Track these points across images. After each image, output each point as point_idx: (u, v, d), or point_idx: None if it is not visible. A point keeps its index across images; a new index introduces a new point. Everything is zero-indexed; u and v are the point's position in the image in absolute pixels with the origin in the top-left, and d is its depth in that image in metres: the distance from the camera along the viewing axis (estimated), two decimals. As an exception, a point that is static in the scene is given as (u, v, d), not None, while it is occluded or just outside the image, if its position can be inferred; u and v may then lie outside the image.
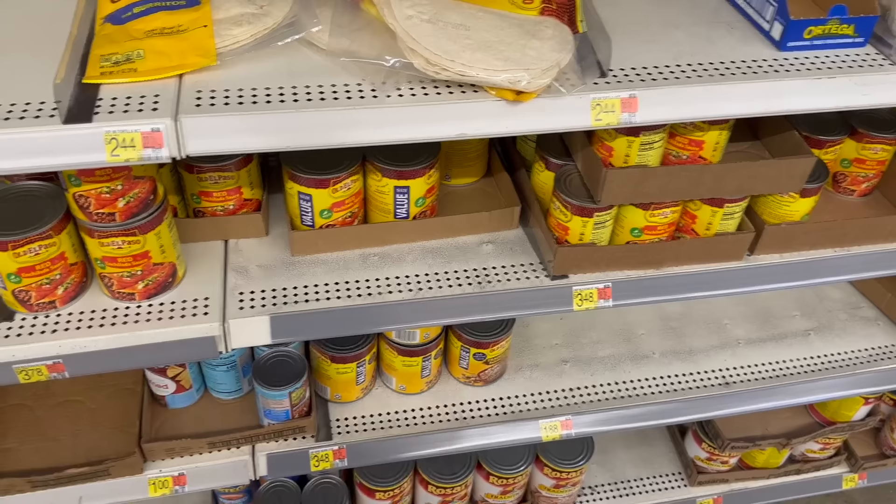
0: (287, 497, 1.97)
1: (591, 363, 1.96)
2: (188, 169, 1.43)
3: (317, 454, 1.71)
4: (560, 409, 1.84)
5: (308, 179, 1.40)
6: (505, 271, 1.52)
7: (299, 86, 1.15)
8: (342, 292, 1.44)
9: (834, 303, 2.19)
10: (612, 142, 1.37)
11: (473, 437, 1.79)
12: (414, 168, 1.44)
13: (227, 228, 1.51)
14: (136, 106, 1.08)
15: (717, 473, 2.30)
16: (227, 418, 1.74)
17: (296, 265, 1.49)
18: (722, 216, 1.49)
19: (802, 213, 1.58)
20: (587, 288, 1.50)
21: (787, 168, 1.44)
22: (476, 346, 1.76)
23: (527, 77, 1.12)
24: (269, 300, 1.41)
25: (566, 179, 1.48)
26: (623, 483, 2.34)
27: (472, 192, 1.70)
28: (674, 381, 1.94)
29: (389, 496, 1.98)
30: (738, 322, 2.12)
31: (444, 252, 1.56)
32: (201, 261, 1.47)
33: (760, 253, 1.59)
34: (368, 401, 1.83)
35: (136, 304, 1.38)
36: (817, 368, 1.99)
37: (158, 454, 1.65)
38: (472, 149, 1.66)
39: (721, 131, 1.39)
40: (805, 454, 2.34)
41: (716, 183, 1.41)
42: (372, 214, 1.54)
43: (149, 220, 1.29)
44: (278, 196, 1.62)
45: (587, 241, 1.47)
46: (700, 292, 1.58)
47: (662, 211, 1.46)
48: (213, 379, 1.72)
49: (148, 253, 1.32)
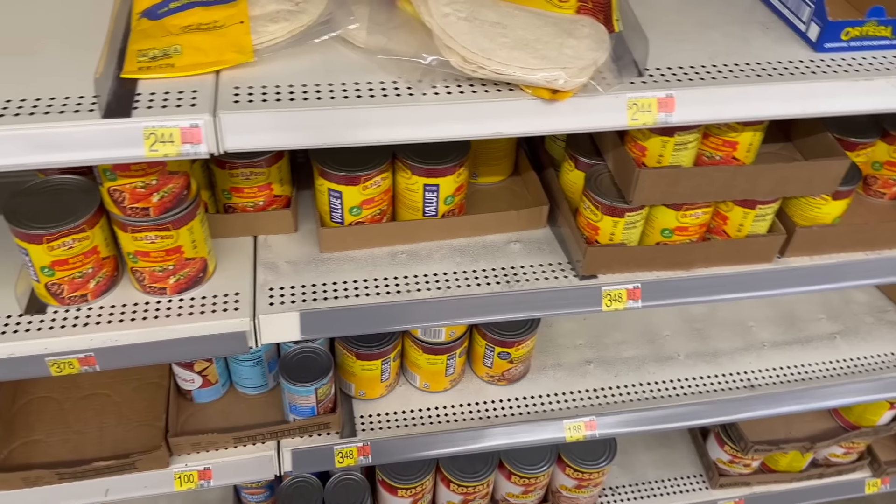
0: (309, 493, 1.97)
1: (615, 364, 1.96)
2: (220, 164, 1.43)
3: (341, 450, 1.72)
4: (584, 410, 1.83)
5: (339, 176, 1.40)
6: (533, 270, 1.52)
7: (335, 83, 1.15)
8: (371, 289, 1.44)
9: (860, 306, 2.17)
10: (646, 141, 1.36)
11: (497, 436, 1.79)
12: (444, 166, 1.44)
13: (257, 224, 1.51)
14: (175, 101, 1.08)
15: (738, 476, 2.29)
16: (251, 413, 1.74)
17: (325, 262, 1.49)
18: (754, 218, 1.48)
19: (834, 216, 1.57)
20: (616, 288, 1.49)
21: (821, 170, 1.42)
22: (501, 345, 1.76)
23: (564, 76, 1.12)
24: (299, 296, 1.42)
25: (596, 179, 1.47)
26: (644, 484, 2.33)
27: (498, 191, 1.69)
28: (699, 383, 1.93)
29: (411, 494, 1.98)
30: (763, 324, 2.10)
31: (472, 251, 1.55)
32: (231, 256, 1.48)
33: (790, 255, 1.58)
34: (392, 398, 1.83)
35: (167, 299, 1.39)
36: (843, 372, 1.97)
37: (184, 448, 1.65)
38: (500, 147, 1.66)
39: (755, 132, 1.38)
40: (828, 458, 2.32)
41: (749, 184, 1.40)
42: (400, 212, 1.54)
43: (182, 216, 1.30)
44: (305, 193, 1.62)
45: (617, 241, 1.47)
46: (729, 294, 1.57)
47: (694, 212, 1.45)
48: (239, 374, 1.73)
49: (180, 248, 1.33)
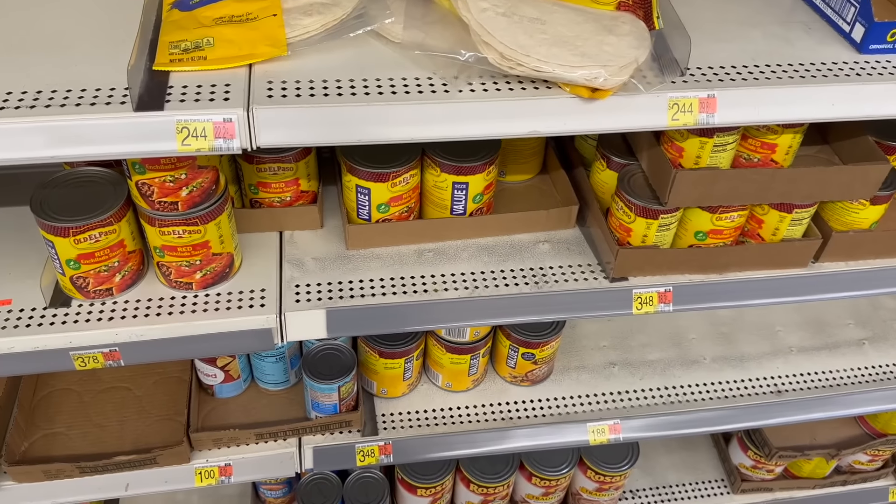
0: (328, 490, 1.96)
1: (640, 367, 1.93)
2: (247, 159, 1.41)
3: (363, 449, 1.70)
4: (608, 413, 1.81)
5: (368, 173, 1.38)
6: (562, 271, 1.49)
7: (370, 79, 1.12)
8: (398, 288, 1.42)
9: (889, 312, 2.13)
10: (684, 142, 1.33)
11: (520, 437, 1.77)
12: (474, 164, 1.41)
13: (284, 220, 1.50)
14: (207, 95, 1.07)
15: (761, 482, 2.26)
16: (273, 409, 1.73)
17: (351, 259, 1.47)
18: (790, 222, 1.45)
19: (871, 221, 1.53)
20: (647, 291, 1.47)
21: (861, 174, 1.39)
22: (525, 346, 1.73)
23: (604, 74, 1.09)
24: (325, 294, 1.40)
25: (630, 179, 1.44)
26: (664, 488, 2.31)
27: (527, 190, 1.67)
28: (724, 387, 1.90)
29: (431, 493, 1.96)
30: (790, 329, 2.07)
31: (500, 250, 1.53)
32: (257, 252, 1.46)
33: (825, 260, 1.55)
34: (414, 397, 1.81)
35: (192, 294, 1.37)
36: (871, 379, 1.94)
37: (206, 444, 1.64)
38: (529, 145, 1.63)
39: (795, 135, 1.35)
40: (852, 465, 2.29)
41: (787, 188, 1.37)
42: (428, 210, 1.51)
43: (210, 210, 1.28)
44: (331, 188, 1.60)
45: (650, 243, 1.44)
46: (762, 299, 1.54)
47: (730, 214, 1.42)
48: (262, 370, 1.72)
49: (207, 243, 1.31)
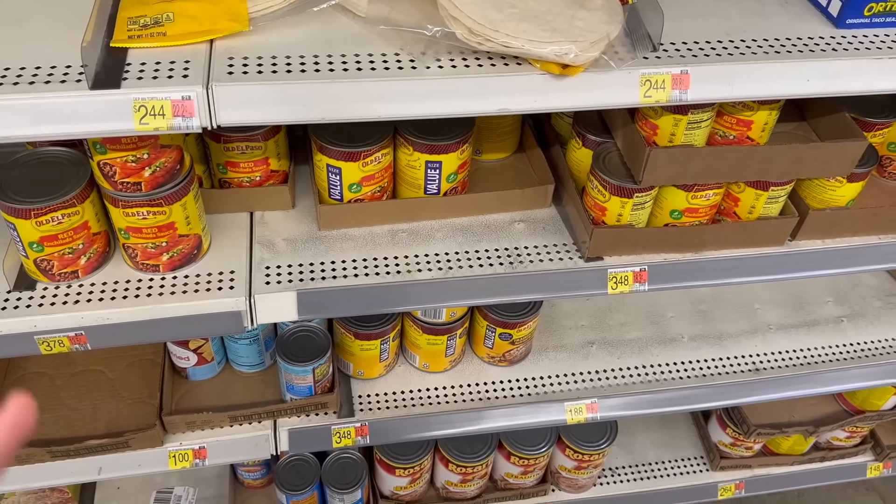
0: (306, 471, 1.95)
1: (618, 346, 1.92)
2: (214, 138, 1.38)
3: (339, 430, 1.69)
4: (586, 392, 1.80)
5: (338, 152, 1.35)
6: (537, 251, 1.47)
7: (335, 55, 1.09)
8: (370, 269, 1.40)
9: (868, 289, 2.13)
10: (658, 119, 1.31)
11: (497, 417, 1.76)
12: (447, 142, 1.39)
13: (254, 200, 1.47)
14: (166, 72, 1.04)
15: (740, 459, 2.27)
16: (248, 392, 1.71)
17: (323, 240, 1.45)
18: (766, 200, 1.44)
19: (848, 199, 1.52)
20: (622, 271, 1.45)
21: (839, 151, 1.37)
22: (502, 326, 1.72)
23: (575, 49, 1.06)
24: (296, 275, 1.37)
25: (605, 158, 1.42)
26: (644, 465, 2.31)
27: (502, 169, 1.65)
28: (703, 366, 1.90)
29: (409, 473, 1.96)
30: (769, 307, 2.06)
31: (475, 230, 1.51)
32: (226, 233, 1.43)
33: (802, 238, 1.54)
34: (391, 378, 1.80)
35: (160, 276, 1.35)
36: (850, 356, 1.94)
37: (179, 427, 1.62)
38: (505, 123, 1.60)
39: (771, 111, 1.33)
40: (830, 442, 2.30)
41: (763, 165, 1.35)
42: (401, 189, 1.49)
43: (175, 191, 1.25)
44: (304, 168, 1.57)
45: (625, 222, 1.42)
46: (738, 278, 1.53)
47: (705, 193, 1.40)
48: (235, 352, 1.70)
49: (173, 224, 1.29)
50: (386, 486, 2.03)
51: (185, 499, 2.09)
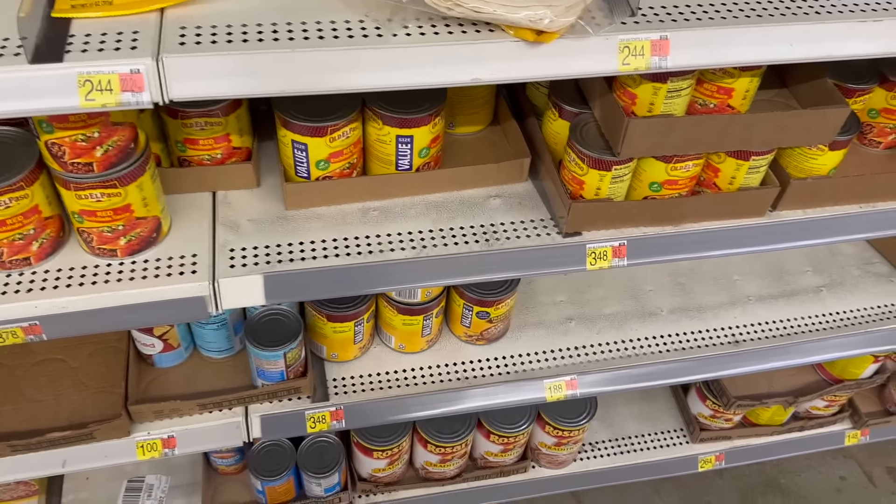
0: (281, 457, 1.90)
1: (597, 321, 1.89)
2: (171, 114, 1.31)
3: (313, 415, 1.64)
4: (565, 369, 1.77)
5: (303, 127, 1.29)
6: (514, 228, 1.42)
7: (295, 23, 1.03)
8: (341, 250, 1.35)
9: (847, 258, 2.12)
10: (637, 88, 1.26)
11: (475, 397, 1.72)
12: (418, 115, 1.33)
13: (215, 179, 1.40)
14: (113, 44, 0.96)
15: (719, 430, 2.26)
16: (218, 378, 1.66)
17: (290, 220, 1.39)
18: (747, 170, 1.40)
19: (830, 167, 1.49)
20: (601, 246, 1.41)
21: (821, 119, 1.34)
22: (479, 305, 1.68)
23: (549, 15, 1.01)
24: (263, 258, 1.31)
25: (582, 129, 1.37)
26: (624, 439, 2.30)
27: (477, 142, 1.59)
28: (682, 339, 1.87)
29: (388, 455, 1.92)
30: (748, 278, 2.04)
31: (449, 206, 1.45)
32: (187, 214, 1.37)
33: (783, 209, 1.51)
34: (366, 360, 1.75)
35: (118, 262, 1.28)
36: (829, 326, 1.93)
37: (146, 416, 1.57)
38: (479, 94, 1.54)
39: (752, 78, 1.28)
40: (809, 411, 2.30)
41: (744, 134, 1.31)
42: (372, 166, 1.43)
43: (130, 171, 1.18)
44: (269, 144, 1.50)
45: (603, 196, 1.37)
46: (719, 250, 1.50)
47: (685, 164, 1.36)
48: (203, 337, 1.64)
49: (129, 206, 1.22)
50: (364, 468, 1.99)
51: (157, 487, 2.04)
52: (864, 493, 2.51)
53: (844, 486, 2.53)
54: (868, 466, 2.59)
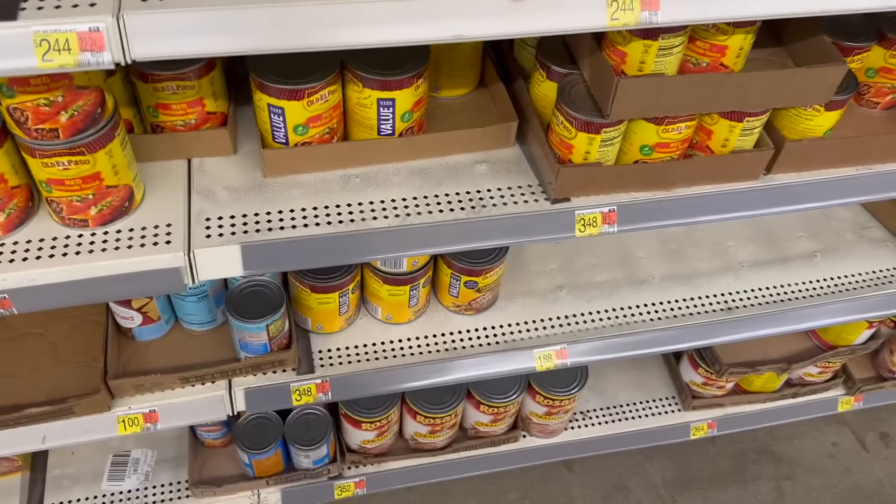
0: (268, 429, 1.88)
1: (588, 289, 1.85)
2: (142, 77, 1.25)
3: (298, 388, 1.61)
4: (555, 338, 1.74)
5: (280, 90, 1.23)
6: (501, 194, 1.38)
7: (265, -24, 0.97)
8: (321, 218, 1.30)
9: (841, 223, 2.08)
10: (626, 46, 1.20)
11: (464, 367, 1.69)
12: (400, 77, 1.27)
13: (190, 145, 1.35)
14: (70, 1, 0.91)
15: (712, 398, 2.24)
16: (200, 351, 1.62)
17: (269, 188, 1.34)
18: (740, 132, 1.35)
19: (825, 129, 1.44)
20: (591, 212, 1.37)
21: (817, 78, 1.29)
22: (467, 274, 1.64)
23: (534, -33, 0.95)
24: (240, 227, 1.27)
25: (571, 91, 1.32)
26: (615, 408, 2.28)
27: (463, 106, 1.54)
28: (674, 306, 1.84)
29: (376, 426, 1.90)
30: (741, 243, 2.01)
31: (434, 173, 1.41)
32: (161, 182, 1.32)
33: (778, 172, 1.47)
34: (353, 331, 1.71)
35: (89, 232, 1.23)
36: (823, 292, 1.90)
37: (127, 390, 1.53)
38: (464, 55, 1.49)
39: (746, 35, 1.23)
40: (802, 378, 2.28)
41: (738, 94, 1.26)
42: (353, 131, 1.38)
43: (97, 137, 1.13)
44: (247, 109, 1.45)
45: (592, 160, 1.33)
46: (711, 216, 1.46)
47: (677, 126, 1.31)
48: (184, 310, 1.60)
49: (99, 174, 1.17)
50: (353, 440, 1.97)
51: (143, 461, 2.01)
52: (857, 458, 2.51)
53: (837, 452, 2.52)
54: (860, 432, 2.58)
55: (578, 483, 2.40)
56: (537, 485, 2.38)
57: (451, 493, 2.34)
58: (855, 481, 2.45)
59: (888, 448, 2.55)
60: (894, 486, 2.45)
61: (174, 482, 2.01)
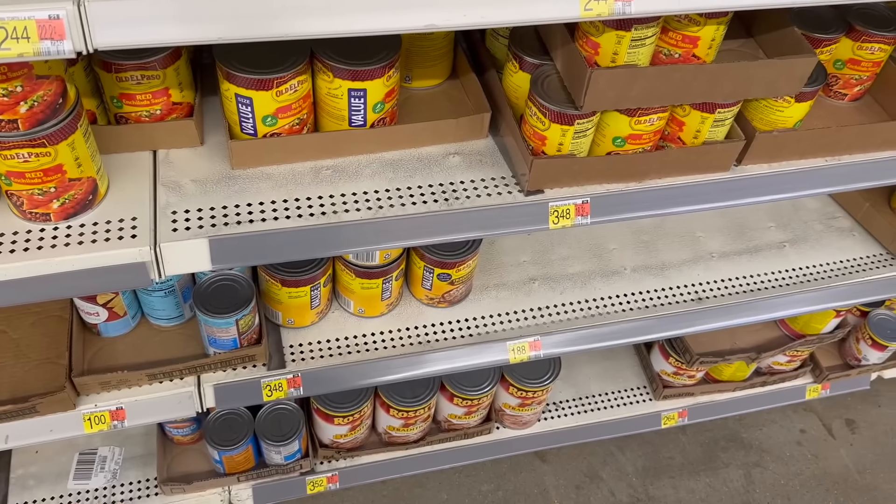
0: (239, 425, 1.85)
1: (561, 281, 1.85)
2: (105, 67, 1.22)
3: (269, 383, 1.59)
4: (528, 330, 1.74)
5: (247, 80, 1.21)
6: (474, 186, 1.37)
7: (232, -37, 0.94)
8: (292, 211, 1.28)
9: (809, 213, 2.11)
10: (600, 37, 1.20)
11: (438, 361, 1.68)
12: (371, 67, 1.25)
13: (155, 137, 1.31)
14: (27, -14, 0.87)
15: (682, 387, 2.26)
16: (168, 347, 1.59)
17: (237, 180, 1.31)
18: (712, 123, 1.36)
19: (796, 120, 1.45)
20: (564, 204, 1.36)
21: (788, 69, 1.29)
22: (440, 267, 1.63)
23: (507, -44, 0.94)
24: (208, 220, 1.24)
25: (544, 82, 1.31)
26: (588, 398, 2.29)
27: (435, 97, 1.52)
28: (645, 297, 1.85)
29: (349, 421, 1.88)
30: (711, 234, 2.02)
31: (406, 165, 1.39)
32: (126, 175, 1.28)
33: (748, 163, 1.47)
34: (324, 325, 1.69)
35: (52, 226, 1.20)
36: (792, 282, 1.92)
37: (92, 388, 1.50)
38: (436, 45, 1.47)
39: (718, 26, 1.23)
40: (771, 366, 2.31)
41: (710, 85, 1.27)
42: (323, 122, 1.36)
43: (59, 129, 1.09)
44: (214, 100, 1.41)
45: (566, 151, 1.32)
46: (683, 207, 1.46)
47: (649, 117, 1.31)
48: (150, 305, 1.56)
49: (61, 167, 1.13)
50: (325, 434, 1.95)
51: (110, 459, 1.97)
52: (824, 444, 2.55)
53: (804, 439, 2.56)
54: (827, 419, 2.62)
55: (551, 473, 2.41)
56: (510, 476, 2.39)
57: (424, 486, 2.33)
58: (822, 467, 2.50)
59: (854, 434, 2.60)
60: (860, 472, 2.50)
61: (143, 480, 1.98)
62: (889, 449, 2.57)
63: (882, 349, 2.26)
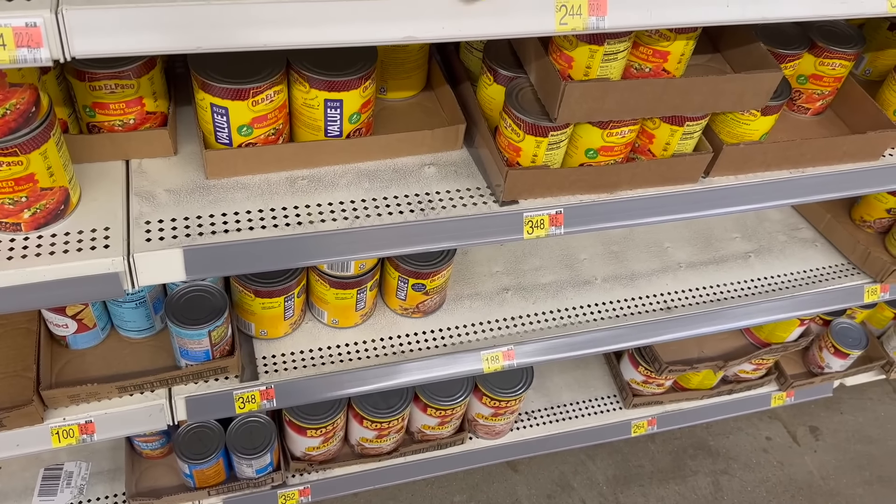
0: (209, 439, 1.83)
1: (533, 291, 1.87)
2: (78, 76, 1.20)
3: (242, 395, 1.57)
4: (502, 339, 1.75)
5: (223, 90, 1.20)
6: (449, 197, 1.38)
7: (211, -27, 0.94)
8: (267, 221, 1.27)
9: (773, 224, 2.16)
10: (573, 51, 1.22)
11: (412, 371, 1.68)
12: (348, 78, 1.26)
13: (128, 146, 1.30)
14: (3, -7, 0.87)
15: (651, 396, 2.29)
16: (138, 359, 1.57)
17: (212, 190, 1.31)
18: (681, 135, 1.39)
19: (762, 133, 1.49)
20: (538, 214, 1.38)
21: (755, 83, 1.33)
22: (415, 277, 1.63)
23: (485, -30, 0.96)
24: (182, 230, 1.23)
25: (518, 94, 1.33)
26: (559, 407, 2.31)
27: (410, 108, 1.53)
28: (616, 307, 1.87)
29: (321, 433, 1.87)
30: (679, 245, 2.06)
31: (382, 175, 1.40)
32: (99, 185, 1.27)
33: (716, 175, 1.51)
34: (298, 336, 1.69)
35: (22, 236, 1.18)
36: (757, 292, 1.96)
37: (61, 401, 1.47)
38: (411, 57, 1.48)
39: (688, 41, 1.27)
40: (738, 374, 2.35)
41: (680, 99, 1.30)
42: (299, 132, 1.36)
43: (32, 138, 1.08)
44: (188, 109, 1.41)
45: (540, 163, 1.34)
46: (653, 217, 1.49)
47: (621, 130, 1.34)
48: (120, 316, 1.54)
49: (33, 176, 1.12)
50: (297, 447, 1.94)
51: (77, 474, 1.93)
52: (789, 451, 2.60)
53: (770, 446, 2.61)
54: (792, 426, 2.68)
55: (523, 483, 2.42)
56: (483, 486, 2.39)
57: (396, 499, 2.32)
58: (787, 474, 2.54)
59: (818, 441, 2.66)
60: (824, 478, 2.55)
61: (110, 495, 1.94)
62: (851, 455, 2.63)
63: (844, 357, 2.32)
